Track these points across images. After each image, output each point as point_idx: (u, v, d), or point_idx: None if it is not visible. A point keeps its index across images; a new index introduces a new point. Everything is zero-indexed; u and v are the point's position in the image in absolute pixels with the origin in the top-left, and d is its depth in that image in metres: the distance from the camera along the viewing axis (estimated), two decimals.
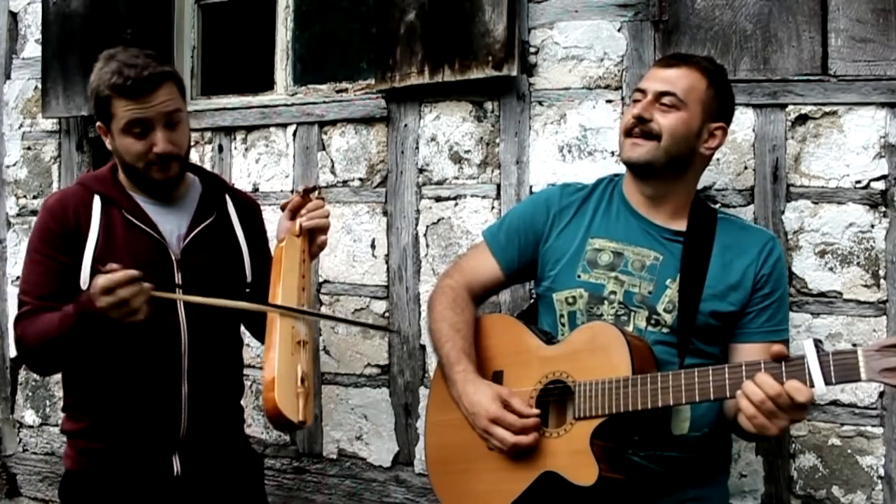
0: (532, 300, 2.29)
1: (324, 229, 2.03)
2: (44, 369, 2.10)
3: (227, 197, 2.14)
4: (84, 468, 2.00)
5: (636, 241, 1.94)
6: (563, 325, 1.95)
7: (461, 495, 1.96)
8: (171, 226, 2.01)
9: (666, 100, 1.89)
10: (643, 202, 1.97)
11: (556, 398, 1.87)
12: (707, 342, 1.88)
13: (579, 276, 1.94)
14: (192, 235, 2.01)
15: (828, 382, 1.55)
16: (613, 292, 1.91)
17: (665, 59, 2.02)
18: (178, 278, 1.97)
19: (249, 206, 2.21)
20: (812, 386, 1.56)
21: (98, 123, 1.96)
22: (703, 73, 1.92)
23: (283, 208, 2.06)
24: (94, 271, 1.87)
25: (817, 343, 1.57)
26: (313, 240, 2.03)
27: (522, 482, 1.83)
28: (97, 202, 1.96)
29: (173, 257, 1.97)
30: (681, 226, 1.95)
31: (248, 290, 2.07)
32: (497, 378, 1.95)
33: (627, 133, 1.93)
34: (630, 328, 1.87)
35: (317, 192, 2.08)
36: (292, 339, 1.86)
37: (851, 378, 1.54)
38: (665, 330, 1.87)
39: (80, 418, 2.00)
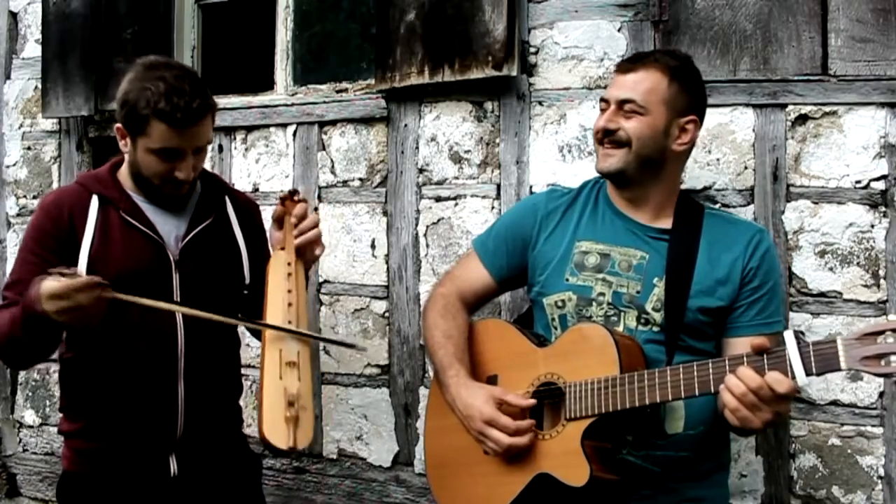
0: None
1: (316, 242, 1.99)
2: (14, 364, 2.07)
3: (227, 198, 2.13)
4: (81, 469, 2.00)
5: (622, 242, 1.94)
6: (555, 327, 1.96)
7: (459, 499, 1.96)
8: (170, 227, 2.00)
9: (627, 107, 1.89)
10: (626, 203, 1.98)
11: (549, 400, 1.87)
12: (698, 338, 1.88)
13: (567, 280, 1.95)
14: (190, 237, 2.00)
15: (808, 373, 1.56)
16: (602, 294, 1.91)
17: (624, 62, 2.01)
18: (175, 280, 1.96)
19: (249, 208, 2.20)
20: (793, 377, 1.57)
21: (119, 126, 1.93)
22: (663, 71, 1.90)
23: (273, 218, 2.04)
24: (90, 272, 1.87)
25: (798, 335, 1.59)
26: (305, 251, 1.98)
27: (517, 484, 1.83)
28: (94, 202, 1.95)
29: (171, 259, 1.97)
30: (666, 223, 1.95)
31: (245, 292, 2.06)
32: (491, 382, 1.96)
33: (599, 142, 1.95)
34: (620, 328, 1.88)
35: (297, 196, 2.03)
36: (280, 361, 1.85)
37: (832, 368, 1.55)
38: (655, 328, 1.88)
39: (76, 419, 2.00)
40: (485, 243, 2.13)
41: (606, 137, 1.92)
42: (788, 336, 1.59)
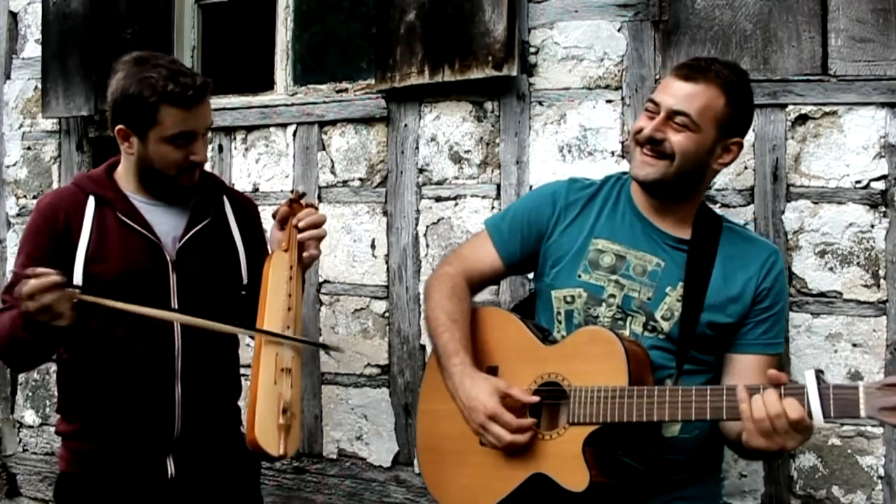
0: (530, 290, 2.29)
1: (318, 240, 2.00)
2: (17, 367, 2.09)
3: (225, 198, 2.12)
4: (78, 470, 2.00)
5: (639, 246, 1.92)
6: (559, 322, 1.95)
7: (449, 486, 1.95)
8: (167, 227, 1.99)
9: (678, 119, 1.82)
10: (649, 208, 1.95)
11: (549, 399, 1.86)
12: (703, 351, 1.88)
13: (580, 276, 1.93)
14: (187, 237, 2.00)
15: (826, 416, 1.54)
16: (612, 295, 1.90)
17: (684, 68, 1.88)
18: (172, 280, 1.96)
19: (247, 208, 2.19)
20: (810, 418, 1.55)
21: (120, 127, 1.92)
22: (721, 89, 1.83)
23: (274, 216, 2.04)
24: (87, 273, 1.87)
25: (818, 374, 1.56)
26: (307, 249, 1.99)
27: (512, 481, 1.82)
28: (91, 203, 1.95)
29: (168, 259, 1.96)
30: (685, 233, 1.93)
31: (244, 293, 2.06)
32: (491, 373, 1.93)
33: (639, 144, 1.88)
34: (626, 332, 1.87)
35: (304, 199, 2.04)
36: (276, 366, 1.85)
37: (850, 414, 1.53)
38: (661, 336, 1.87)
39: (73, 420, 2.00)
40: (499, 226, 2.08)
41: (650, 144, 1.85)
42: (809, 375, 1.56)
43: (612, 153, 2.48)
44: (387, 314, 2.82)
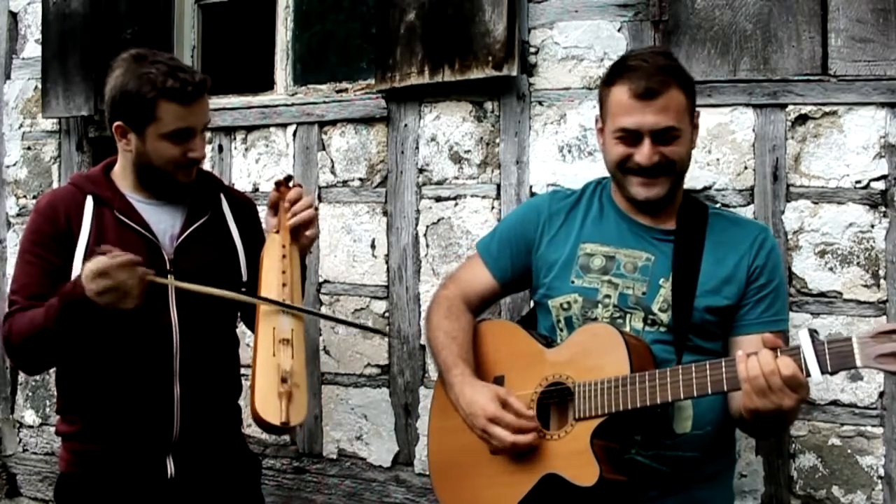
0: (532, 303, 2.30)
1: (309, 222, 2.02)
2: (31, 367, 2.08)
3: (222, 195, 2.13)
4: (78, 470, 2.00)
5: (627, 244, 1.94)
6: (560, 329, 1.96)
7: (464, 500, 1.96)
8: (165, 225, 2.00)
9: (667, 135, 1.83)
10: (633, 207, 1.96)
11: (557, 400, 1.87)
12: (705, 338, 1.88)
13: (573, 282, 1.95)
14: (185, 235, 2.00)
15: (824, 371, 1.55)
16: (608, 295, 1.91)
17: (641, 86, 1.82)
18: (170, 278, 1.96)
19: (245, 205, 2.20)
20: (808, 375, 1.56)
21: (118, 123, 1.93)
22: (677, 85, 1.84)
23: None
24: None
25: (812, 333, 1.58)
26: (300, 233, 2.02)
27: (524, 485, 1.82)
28: (89, 202, 1.95)
29: (166, 257, 1.97)
30: (670, 225, 1.95)
31: (243, 290, 2.06)
32: (498, 383, 1.95)
33: (629, 171, 1.87)
34: (627, 329, 1.87)
35: (292, 182, 2.07)
36: (273, 338, 1.86)
37: (847, 365, 1.54)
38: (662, 329, 1.87)
39: (72, 420, 2.00)
40: (488, 246, 2.12)
41: (645, 171, 1.85)
42: (803, 334, 1.58)
43: None
44: (387, 314, 2.82)
